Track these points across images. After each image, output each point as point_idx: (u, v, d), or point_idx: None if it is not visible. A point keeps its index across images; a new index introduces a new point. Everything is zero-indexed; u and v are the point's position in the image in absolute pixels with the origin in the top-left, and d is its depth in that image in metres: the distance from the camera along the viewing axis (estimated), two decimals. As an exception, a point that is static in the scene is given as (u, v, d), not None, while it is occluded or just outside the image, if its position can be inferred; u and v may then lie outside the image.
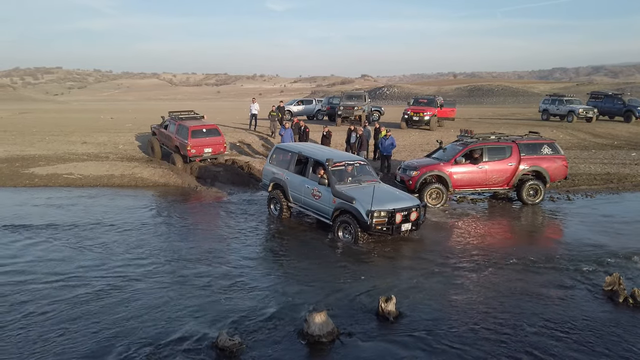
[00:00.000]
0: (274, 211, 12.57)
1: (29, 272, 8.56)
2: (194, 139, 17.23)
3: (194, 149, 17.22)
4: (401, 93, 75.71)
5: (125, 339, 6.29)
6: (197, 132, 17.49)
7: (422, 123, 25.66)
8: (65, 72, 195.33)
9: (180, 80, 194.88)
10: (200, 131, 17.62)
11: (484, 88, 77.80)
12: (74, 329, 6.55)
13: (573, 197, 14.91)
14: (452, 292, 7.98)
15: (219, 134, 18.18)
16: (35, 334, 6.42)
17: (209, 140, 17.65)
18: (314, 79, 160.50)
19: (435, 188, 13.53)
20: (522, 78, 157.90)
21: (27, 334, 6.43)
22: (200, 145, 17.36)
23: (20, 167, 17.48)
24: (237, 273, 8.72)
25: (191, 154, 17.27)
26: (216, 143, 17.80)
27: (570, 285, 8.30)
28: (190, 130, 17.31)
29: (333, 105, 28.71)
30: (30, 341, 6.23)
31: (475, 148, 13.86)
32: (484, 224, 12.47)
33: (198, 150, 17.36)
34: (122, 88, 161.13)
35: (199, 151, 17.40)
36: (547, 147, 14.22)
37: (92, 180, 16.34)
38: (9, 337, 6.34)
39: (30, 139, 22.73)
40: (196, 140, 17.28)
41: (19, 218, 11.88)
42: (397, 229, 10.26)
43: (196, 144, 17.26)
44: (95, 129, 26.29)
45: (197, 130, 17.51)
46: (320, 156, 11.62)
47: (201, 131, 17.64)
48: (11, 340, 6.25)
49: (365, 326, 6.70)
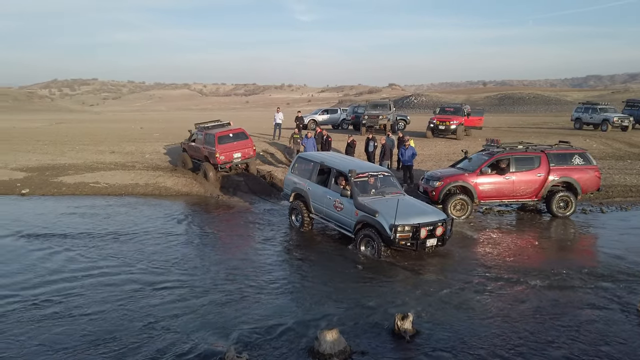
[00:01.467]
0: (295, 222, 12.40)
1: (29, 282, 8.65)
2: (221, 145, 16.90)
3: (222, 155, 16.86)
4: (429, 102, 74.88)
5: (132, 352, 6.22)
6: (224, 138, 17.15)
7: (448, 132, 25.19)
8: (101, 83, 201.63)
9: (210, 90, 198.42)
10: (227, 136, 17.28)
11: (514, 96, 76.22)
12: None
13: (606, 210, 14.24)
14: (475, 311, 7.60)
15: (247, 137, 17.76)
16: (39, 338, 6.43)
17: (237, 145, 17.29)
18: (341, 89, 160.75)
19: (459, 199, 13.14)
20: (555, 86, 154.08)
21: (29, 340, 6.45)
22: (228, 150, 17.00)
23: (50, 176, 17.93)
24: (250, 285, 8.57)
25: (220, 160, 16.85)
26: (245, 147, 17.46)
27: (602, 305, 7.81)
28: (217, 137, 16.98)
29: (358, 114, 28.54)
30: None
31: (501, 158, 13.41)
32: (511, 237, 11.99)
33: (227, 157, 16.98)
34: (154, 98, 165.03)
35: (228, 157, 17.01)
36: (578, 157, 13.64)
37: (117, 189, 16.60)
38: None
39: (62, 148, 23.39)
40: (224, 146, 16.94)
41: (39, 227, 12.10)
42: (422, 244, 9.88)
43: (224, 150, 16.91)
44: (124, 139, 26.87)
45: (223, 136, 17.17)
46: (342, 166, 11.40)
47: (228, 136, 17.29)
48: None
49: (379, 345, 6.43)
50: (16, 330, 6.79)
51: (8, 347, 6.36)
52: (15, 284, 8.49)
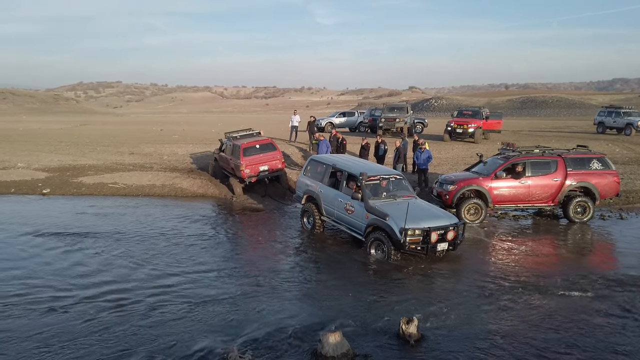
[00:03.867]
0: (306, 224, 12.43)
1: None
2: (246, 158, 15.74)
3: (247, 169, 15.71)
4: (449, 105, 74.05)
5: (135, 353, 6.29)
6: (250, 150, 15.99)
7: (466, 135, 24.90)
8: (125, 86, 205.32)
9: (230, 93, 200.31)
10: (254, 148, 16.13)
11: (537, 99, 74.86)
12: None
13: (626, 216, 13.89)
14: (484, 318, 7.48)
15: (275, 148, 16.66)
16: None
17: (263, 157, 16.13)
18: (361, 91, 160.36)
19: (473, 203, 12.98)
20: (580, 89, 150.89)
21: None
22: (254, 163, 15.88)
23: (70, 177, 18.35)
24: (258, 286, 8.64)
25: (245, 174, 15.69)
26: (272, 159, 16.29)
27: (619, 313, 7.62)
28: (242, 148, 15.85)
29: (375, 117, 28.45)
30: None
31: (517, 162, 13.21)
32: (525, 243, 11.76)
33: (253, 170, 15.82)
34: (176, 101, 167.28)
35: (254, 170, 15.85)
36: (596, 161, 13.34)
37: (134, 189, 16.90)
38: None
39: (83, 149, 23.93)
40: (249, 159, 15.79)
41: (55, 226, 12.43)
42: (433, 248, 9.80)
43: (250, 163, 15.77)
44: (144, 140, 27.33)
45: (249, 148, 16.02)
46: (354, 169, 11.38)
47: (254, 148, 16.15)
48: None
49: (383, 348, 6.39)
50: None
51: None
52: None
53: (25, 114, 68.53)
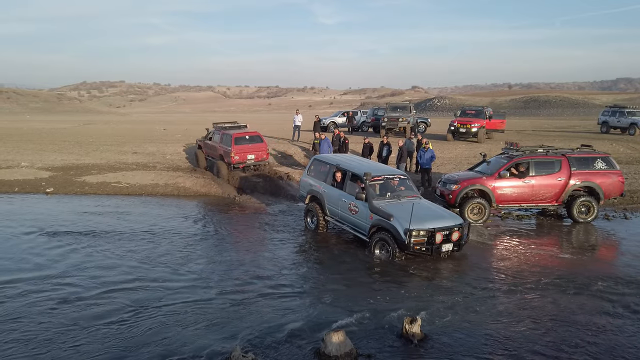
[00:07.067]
0: (310, 224, 12.41)
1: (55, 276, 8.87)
2: (237, 146, 17.73)
3: (237, 156, 17.67)
4: (452, 104, 74.01)
5: (137, 352, 6.29)
6: (240, 139, 18.00)
7: (469, 135, 24.84)
8: (128, 85, 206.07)
9: (233, 92, 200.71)
10: (244, 138, 18.13)
11: (540, 99, 74.73)
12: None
13: (630, 216, 13.83)
14: (488, 318, 7.45)
15: (262, 140, 18.59)
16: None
17: (251, 147, 18.09)
18: (364, 91, 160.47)
19: (477, 203, 12.94)
20: (583, 89, 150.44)
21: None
22: (243, 152, 17.82)
23: (74, 176, 18.38)
24: (262, 285, 8.62)
25: (234, 160, 17.69)
26: (259, 150, 18.23)
27: (621, 314, 7.59)
28: (234, 137, 17.82)
29: (378, 116, 28.43)
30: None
31: (520, 161, 13.17)
32: (529, 243, 11.72)
33: (241, 157, 17.81)
34: (179, 100, 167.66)
35: (242, 158, 17.84)
36: (600, 161, 13.28)
37: (137, 189, 16.92)
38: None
39: (86, 148, 23.97)
40: (239, 147, 17.76)
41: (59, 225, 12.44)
42: (437, 249, 9.75)
43: (239, 151, 17.74)
44: (147, 140, 27.36)
45: (240, 137, 18.03)
46: (358, 169, 11.32)
47: (244, 138, 18.15)
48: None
49: (386, 348, 6.37)
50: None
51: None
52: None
53: (29, 113, 68.73)
